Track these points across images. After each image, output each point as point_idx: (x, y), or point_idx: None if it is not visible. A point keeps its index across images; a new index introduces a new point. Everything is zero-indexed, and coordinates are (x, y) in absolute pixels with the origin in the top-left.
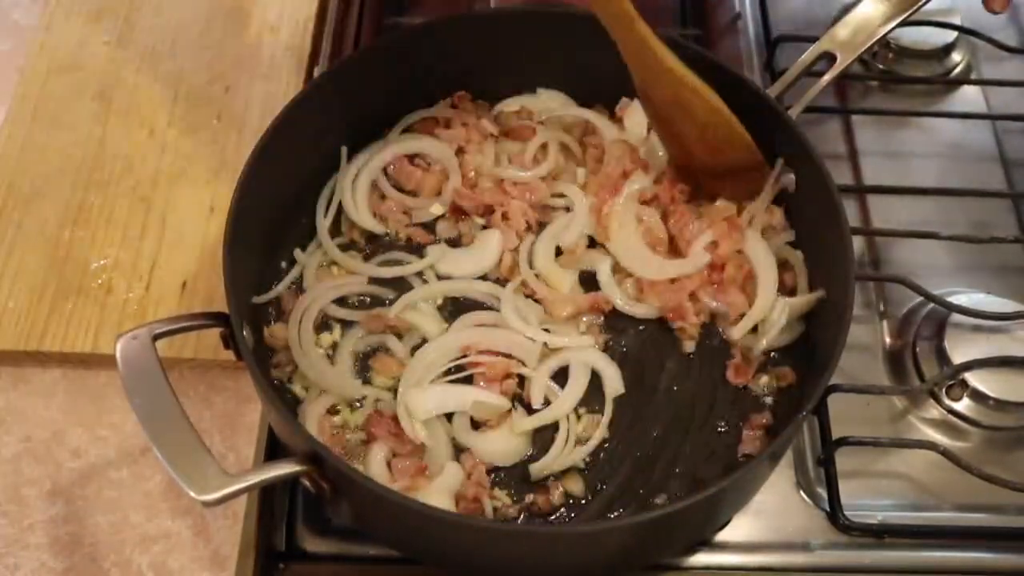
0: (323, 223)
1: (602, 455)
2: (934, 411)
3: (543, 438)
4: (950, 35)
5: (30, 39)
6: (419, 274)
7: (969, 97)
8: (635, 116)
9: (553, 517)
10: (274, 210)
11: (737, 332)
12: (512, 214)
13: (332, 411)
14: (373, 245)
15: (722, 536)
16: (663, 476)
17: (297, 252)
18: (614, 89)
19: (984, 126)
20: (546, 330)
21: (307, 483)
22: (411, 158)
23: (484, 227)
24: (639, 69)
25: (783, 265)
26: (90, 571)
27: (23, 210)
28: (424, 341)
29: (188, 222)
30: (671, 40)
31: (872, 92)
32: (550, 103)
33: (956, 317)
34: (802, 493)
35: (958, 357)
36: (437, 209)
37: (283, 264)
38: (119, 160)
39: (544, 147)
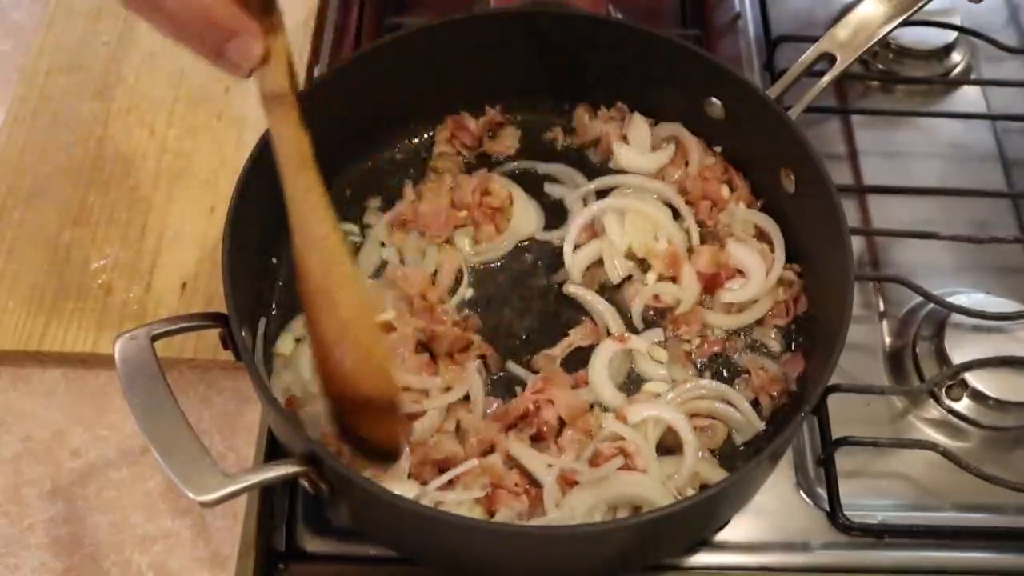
0: None
1: None
2: (934, 411)
3: None
4: (950, 35)
5: (30, 39)
6: None
7: (969, 97)
8: (638, 130)
9: None
10: (274, 210)
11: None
12: None
13: None
14: None
15: (722, 536)
16: None
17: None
18: (613, 91)
19: (984, 126)
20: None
21: (306, 483)
22: None
23: None
24: (295, 229)
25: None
26: (90, 571)
27: (23, 210)
28: None
29: (188, 222)
30: (668, 40)
31: (872, 92)
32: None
33: (956, 317)
34: (802, 493)
35: (958, 357)
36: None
37: (283, 267)
38: (119, 160)
39: None
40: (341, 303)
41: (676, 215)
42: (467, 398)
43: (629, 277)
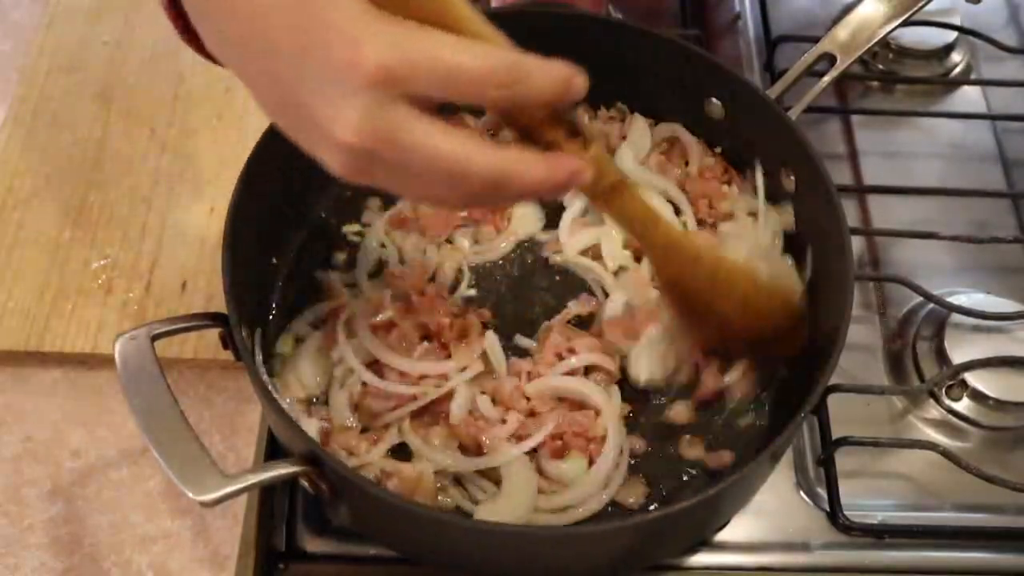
0: None
1: None
2: (934, 411)
3: None
4: (950, 35)
5: (30, 39)
6: None
7: (969, 97)
8: (639, 131)
9: None
10: (274, 210)
11: None
12: None
13: None
14: None
15: (722, 536)
16: None
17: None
18: (612, 91)
19: (984, 126)
20: None
21: (306, 483)
22: None
23: None
24: (666, 267)
25: None
26: (90, 571)
27: (23, 210)
28: None
29: (188, 222)
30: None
31: (872, 92)
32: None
33: (956, 317)
34: (802, 493)
35: (958, 357)
36: None
37: (283, 267)
38: (119, 160)
39: None
40: (734, 286)
41: (677, 211)
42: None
43: (623, 268)
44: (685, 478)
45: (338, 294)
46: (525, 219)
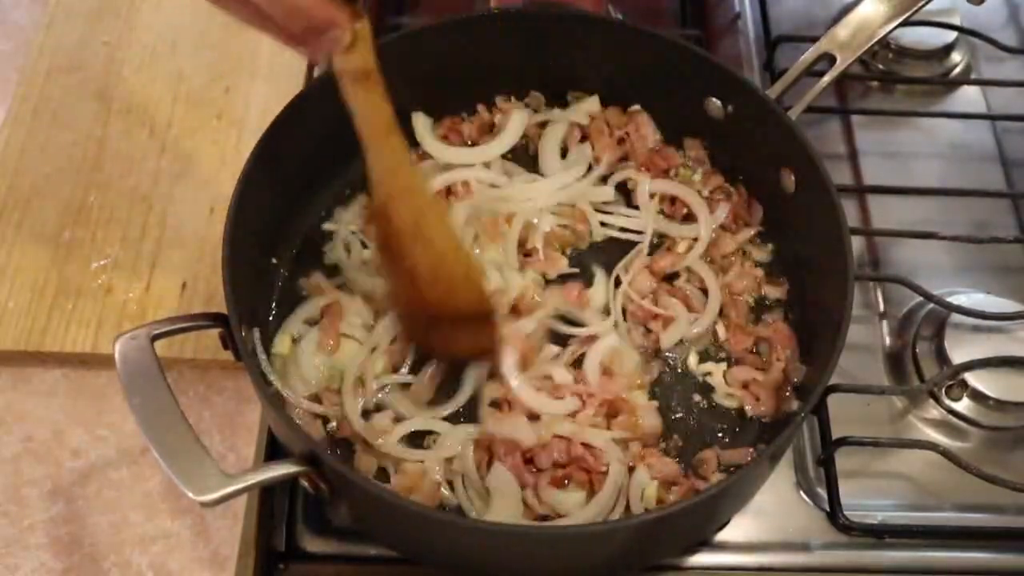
0: None
1: None
2: (934, 411)
3: None
4: (950, 35)
5: (30, 39)
6: None
7: (969, 97)
8: (646, 127)
9: None
10: (274, 210)
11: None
12: None
13: None
14: None
15: (722, 536)
16: None
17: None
18: (613, 91)
19: (984, 126)
20: None
21: (306, 483)
22: None
23: None
24: (381, 186)
25: None
26: (90, 571)
27: (23, 210)
28: None
29: (188, 222)
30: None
31: (872, 92)
32: None
33: (956, 317)
34: (802, 493)
35: (958, 357)
36: None
37: (282, 267)
38: (119, 160)
39: None
40: (435, 238)
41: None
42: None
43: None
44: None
45: (329, 292)
46: None
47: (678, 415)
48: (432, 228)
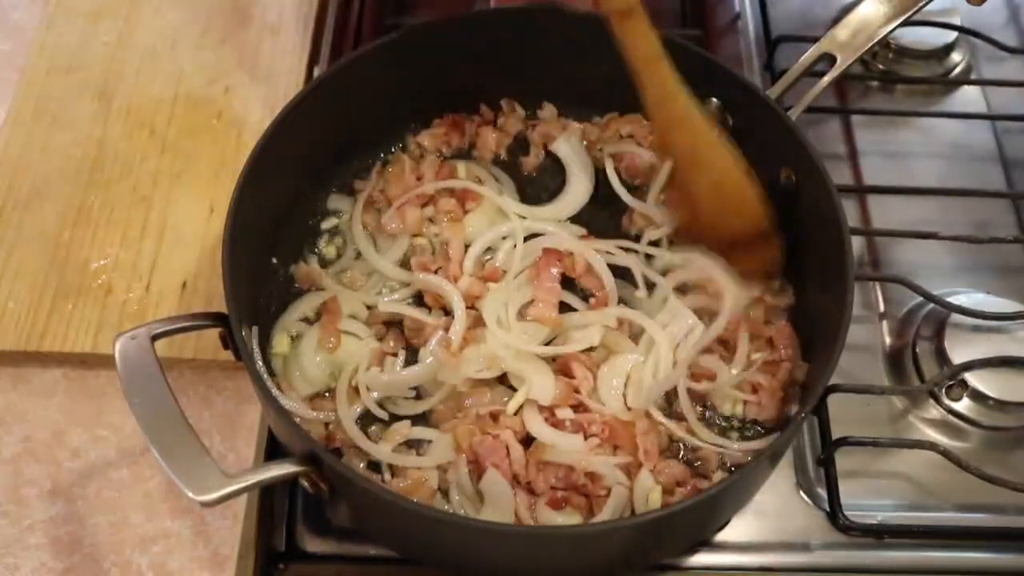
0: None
1: None
2: (934, 411)
3: None
4: (950, 35)
5: (30, 39)
6: None
7: (969, 97)
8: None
9: None
10: (274, 210)
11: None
12: None
13: None
14: None
15: (722, 536)
16: None
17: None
18: (613, 91)
19: (984, 126)
20: None
21: (306, 483)
22: None
23: None
24: (660, 113)
25: None
26: (90, 571)
27: (23, 210)
28: None
29: (188, 222)
30: (675, 44)
31: (872, 92)
32: None
33: (956, 317)
34: (802, 493)
35: (958, 357)
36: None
37: (281, 266)
38: (119, 160)
39: None
40: (712, 163)
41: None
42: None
43: None
44: None
45: (322, 281)
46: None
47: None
48: (708, 153)
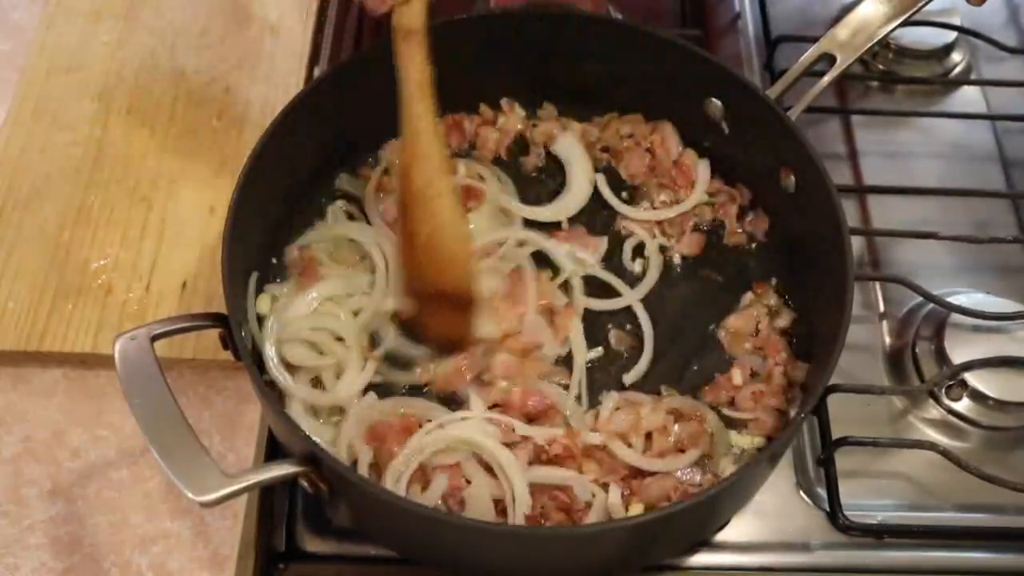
0: None
1: None
2: (934, 411)
3: None
4: (950, 35)
5: (30, 39)
6: None
7: (969, 97)
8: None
9: None
10: (274, 210)
11: None
12: None
13: None
14: None
15: (722, 536)
16: None
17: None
18: (613, 91)
19: (984, 126)
20: None
21: (306, 484)
22: None
23: None
24: (407, 146)
25: None
26: (90, 571)
27: (23, 210)
28: None
29: (188, 222)
30: (670, 41)
31: (872, 92)
32: None
33: (956, 317)
34: (802, 493)
35: (958, 357)
36: None
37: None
38: (119, 160)
39: None
40: (437, 210)
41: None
42: None
43: None
44: None
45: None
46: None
47: None
48: (437, 199)
